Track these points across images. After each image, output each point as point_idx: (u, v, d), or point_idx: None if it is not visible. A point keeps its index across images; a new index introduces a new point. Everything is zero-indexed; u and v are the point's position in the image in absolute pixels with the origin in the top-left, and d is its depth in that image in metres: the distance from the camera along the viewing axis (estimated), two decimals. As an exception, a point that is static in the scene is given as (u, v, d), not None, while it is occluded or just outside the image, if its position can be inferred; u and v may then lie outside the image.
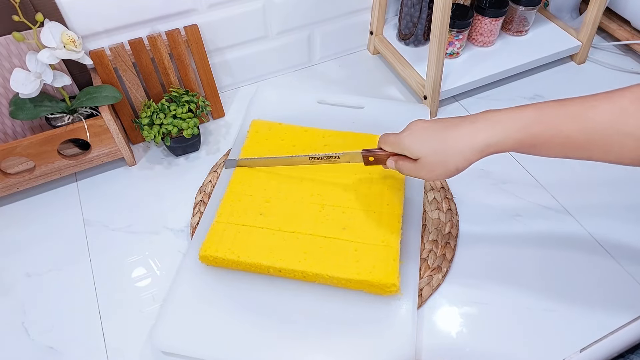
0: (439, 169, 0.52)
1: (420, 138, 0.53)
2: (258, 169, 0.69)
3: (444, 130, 0.52)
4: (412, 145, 0.53)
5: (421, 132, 0.53)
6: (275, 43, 0.87)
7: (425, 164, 0.53)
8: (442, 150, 0.51)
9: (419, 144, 0.53)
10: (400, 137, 0.55)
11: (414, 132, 0.54)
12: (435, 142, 0.52)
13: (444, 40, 0.73)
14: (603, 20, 0.94)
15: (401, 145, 0.54)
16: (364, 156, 0.59)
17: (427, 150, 0.52)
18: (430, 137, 0.52)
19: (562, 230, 0.67)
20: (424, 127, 0.54)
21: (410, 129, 0.55)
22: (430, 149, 0.52)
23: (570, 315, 0.59)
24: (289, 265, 0.58)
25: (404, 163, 0.55)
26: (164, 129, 0.72)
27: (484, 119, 0.50)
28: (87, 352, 0.58)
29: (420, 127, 0.54)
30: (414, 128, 0.54)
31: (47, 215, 0.71)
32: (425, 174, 0.53)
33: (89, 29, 0.70)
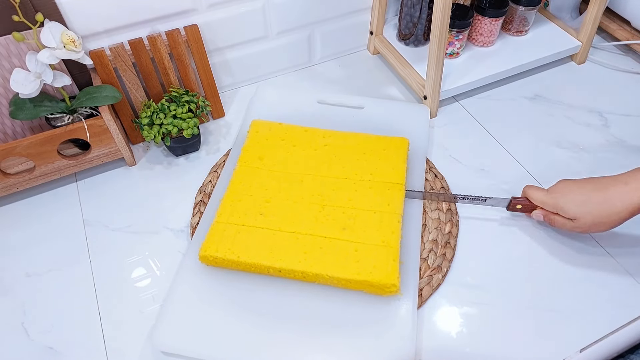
0: (595, 228, 0.58)
1: (573, 199, 0.59)
2: (259, 169, 0.69)
3: (594, 192, 0.58)
4: (566, 206, 0.59)
5: (572, 194, 0.59)
6: (275, 43, 0.87)
7: (582, 225, 0.59)
8: (597, 214, 0.57)
9: (575, 208, 0.59)
10: (553, 197, 0.61)
11: (565, 193, 0.60)
12: (591, 205, 0.57)
13: (444, 40, 0.73)
14: (603, 20, 0.94)
15: (557, 207, 0.60)
16: (513, 203, 0.65)
17: (583, 213, 0.58)
18: (583, 199, 0.58)
19: (561, 230, 0.67)
20: (574, 189, 0.59)
21: (560, 190, 0.61)
22: (587, 212, 0.58)
23: (570, 315, 0.59)
24: (288, 265, 0.58)
25: (560, 219, 0.61)
26: (164, 129, 0.72)
27: (635, 179, 0.56)
28: (87, 352, 0.58)
29: (572, 189, 0.60)
30: (565, 189, 0.60)
31: (47, 215, 0.71)
32: (581, 231, 0.60)
33: (89, 29, 0.70)
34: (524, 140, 0.79)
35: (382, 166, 0.68)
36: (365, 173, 0.68)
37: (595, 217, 0.57)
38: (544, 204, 0.62)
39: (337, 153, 0.70)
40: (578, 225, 0.59)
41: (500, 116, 0.83)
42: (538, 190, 0.63)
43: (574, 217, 0.59)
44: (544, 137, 0.79)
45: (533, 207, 0.64)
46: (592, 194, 0.58)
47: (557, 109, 0.84)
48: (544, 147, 0.78)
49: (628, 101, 0.85)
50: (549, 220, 0.63)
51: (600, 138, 0.79)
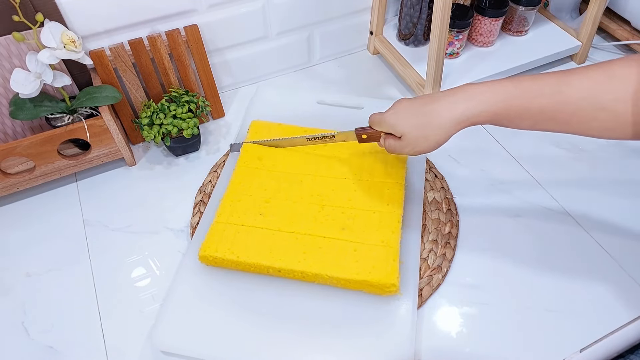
0: (421, 144, 0.54)
1: (403, 115, 0.55)
2: (258, 169, 0.69)
3: (424, 105, 0.54)
4: (395, 123, 0.56)
5: (404, 110, 0.56)
6: (275, 43, 0.87)
7: (409, 140, 0.55)
8: (422, 125, 0.53)
9: (402, 122, 0.55)
10: (385, 115, 0.57)
11: (397, 110, 0.56)
12: (416, 118, 0.54)
13: (444, 40, 0.73)
14: (603, 20, 0.94)
15: (386, 124, 0.57)
16: (357, 134, 0.62)
17: (409, 127, 0.55)
18: (412, 114, 0.55)
19: (562, 230, 0.67)
20: (407, 105, 0.56)
21: (394, 107, 0.57)
22: (412, 126, 0.54)
23: (570, 315, 0.59)
24: (288, 265, 0.58)
25: (390, 141, 0.58)
26: (163, 129, 0.72)
27: (462, 91, 0.52)
28: (87, 352, 0.58)
29: (404, 105, 0.56)
30: (398, 106, 0.57)
31: (47, 215, 0.71)
32: (409, 150, 0.56)
33: (89, 29, 0.70)
34: (524, 140, 0.79)
35: (382, 166, 0.68)
36: (365, 173, 0.68)
37: (420, 131, 0.54)
38: (379, 125, 0.59)
39: (336, 153, 0.70)
40: (405, 143, 0.56)
41: (500, 116, 0.83)
42: (377, 114, 0.60)
43: (401, 134, 0.56)
44: (544, 137, 0.79)
45: (379, 135, 0.61)
46: (419, 108, 0.55)
47: (557, 109, 0.84)
48: (544, 147, 0.78)
49: (628, 101, 0.85)
50: (385, 146, 0.60)
51: (600, 138, 0.79)
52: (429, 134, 0.53)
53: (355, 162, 0.69)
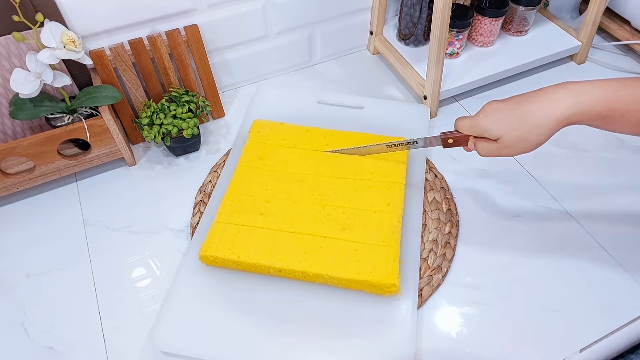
0: (520, 145, 0.53)
1: (497, 118, 0.53)
2: (259, 168, 0.69)
3: (518, 106, 0.52)
4: (489, 126, 0.54)
5: (497, 112, 0.54)
6: (275, 43, 0.87)
7: (506, 143, 0.53)
8: (520, 126, 0.51)
9: (495, 124, 0.53)
10: (477, 119, 0.55)
11: (489, 113, 0.55)
12: (512, 119, 0.52)
13: (444, 40, 0.73)
14: (603, 20, 0.94)
15: (479, 128, 0.55)
16: (443, 139, 0.61)
17: (505, 129, 0.52)
18: (507, 115, 0.53)
19: (562, 230, 0.67)
20: (499, 107, 0.54)
21: (485, 110, 0.55)
22: (509, 127, 0.52)
23: (570, 315, 0.59)
24: (289, 265, 0.58)
25: (484, 144, 0.56)
26: (163, 129, 0.72)
27: (563, 89, 0.50)
28: (87, 352, 0.58)
29: (495, 107, 0.54)
30: (488, 109, 0.55)
31: (47, 215, 0.71)
32: (507, 152, 0.54)
33: (89, 29, 0.70)
34: (524, 140, 0.79)
35: (383, 166, 0.68)
36: (365, 172, 0.68)
37: (519, 132, 0.52)
38: (471, 129, 0.57)
39: (340, 156, 0.70)
40: (503, 146, 0.54)
41: (500, 116, 0.83)
42: (465, 118, 0.58)
43: (498, 137, 0.54)
44: (544, 137, 0.79)
45: (466, 139, 0.59)
46: (514, 109, 0.53)
47: (557, 109, 0.84)
48: (544, 147, 0.77)
49: (628, 101, 0.85)
50: (478, 149, 0.57)
51: (599, 138, 0.79)
52: (529, 135, 0.51)
53: (356, 162, 0.69)
